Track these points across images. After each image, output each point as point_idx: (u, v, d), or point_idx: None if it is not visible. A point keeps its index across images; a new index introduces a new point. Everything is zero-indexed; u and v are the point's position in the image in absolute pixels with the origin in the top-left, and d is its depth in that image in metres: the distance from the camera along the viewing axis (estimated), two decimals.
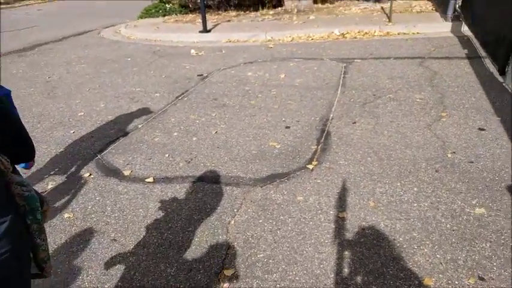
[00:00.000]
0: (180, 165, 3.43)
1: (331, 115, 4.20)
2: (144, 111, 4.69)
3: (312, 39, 7.84)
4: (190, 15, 11.76)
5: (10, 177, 1.19)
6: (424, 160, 3.19)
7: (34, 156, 1.37)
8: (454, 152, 3.26)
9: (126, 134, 4.15)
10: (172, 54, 7.53)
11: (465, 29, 7.04)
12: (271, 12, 11.04)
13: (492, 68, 5.05)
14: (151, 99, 5.11)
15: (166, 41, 8.80)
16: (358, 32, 7.83)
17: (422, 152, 3.32)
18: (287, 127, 4.01)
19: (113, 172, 3.42)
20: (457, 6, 7.62)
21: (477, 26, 6.12)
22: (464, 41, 6.63)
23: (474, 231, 2.37)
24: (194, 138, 3.91)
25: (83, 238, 2.62)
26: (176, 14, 12.21)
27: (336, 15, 9.54)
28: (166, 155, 3.62)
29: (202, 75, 5.97)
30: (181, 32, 9.09)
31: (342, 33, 7.87)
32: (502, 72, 4.41)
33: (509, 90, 4.32)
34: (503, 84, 4.48)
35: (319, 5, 11.60)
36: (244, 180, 3.13)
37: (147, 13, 12.55)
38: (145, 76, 6.16)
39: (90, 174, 3.41)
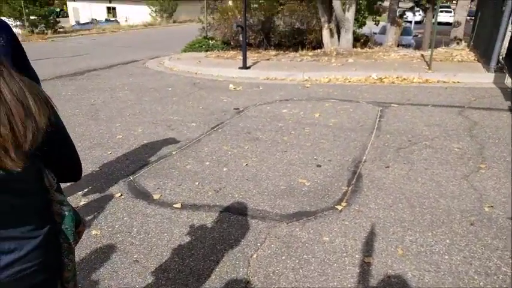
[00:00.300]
0: (209, 194, 3.46)
1: (364, 157, 4.15)
2: (179, 139, 4.82)
3: (349, 81, 7.89)
4: (232, 52, 12.21)
5: (53, 194, 1.24)
6: (459, 211, 3.06)
7: (80, 178, 1.41)
8: (492, 206, 3.11)
9: (159, 159, 4.26)
10: (211, 87, 7.78)
11: (509, 81, 6.88)
12: (310, 53, 11.27)
13: None
14: (187, 128, 5.26)
15: (206, 74, 9.13)
16: (397, 78, 7.82)
17: (458, 203, 3.19)
18: (318, 166, 3.99)
19: (143, 195, 3.50)
20: (501, 57, 7.49)
21: None
22: (507, 93, 6.46)
23: None
24: (225, 169, 3.96)
25: (107, 256, 2.66)
26: (218, 50, 12.72)
27: (375, 60, 9.60)
28: (196, 183, 3.67)
29: (238, 109, 6.11)
30: (222, 67, 9.41)
31: (380, 78, 7.89)
32: None
33: None
34: None
35: (358, 49, 11.76)
36: (270, 214, 3.11)
37: (191, 47, 13.16)
38: (183, 106, 6.37)
39: (121, 195, 3.50)
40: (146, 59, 11.84)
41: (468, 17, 14.79)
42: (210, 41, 13.52)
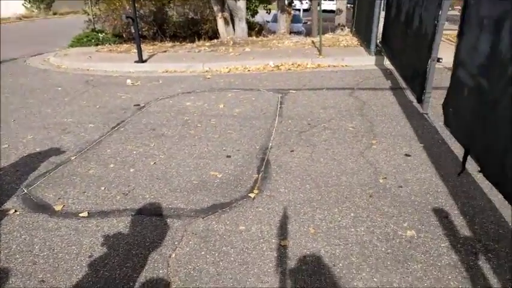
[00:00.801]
0: (117, 198, 3.27)
1: (270, 144, 4.30)
2: (77, 143, 4.45)
3: (249, 70, 8.06)
4: (125, 45, 11.57)
5: None
6: (359, 186, 3.36)
7: None
8: (385, 178, 3.48)
9: (57, 166, 3.89)
10: (107, 84, 7.30)
11: (387, 63, 7.69)
12: (207, 43, 11.22)
13: (412, 98, 5.53)
14: (84, 130, 4.88)
15: (99, 70, 8.53)
16: (292, 64, 8.21)
17: (357, 178, 3.50)
18: (228, 156, 4.02)
19: (42, 207, 3.17)
20: (378, 41, 8.33)
21: (395, 60, 6.74)
22: (387, 74, 7.22)
23: (406, 253, 2.52)
24: (132, 170, 3.77)
25: (6, 282, 2.37)
26: (110, 44, 11.94)
27: (270, 48, 9.94)
28: (102, 188, 3.44)
29: (139, 105, 5.84)
30: (116, 62, 8.88)
31: (277, 65, 8.20)
32: (420, 101, 4.87)
33: (428, 119, 4.76)
34: (423, 113, 4.92)
35: (254, 38, 12.05)
36: (185, 211, 3.07)
37: (79, 42, 12.15)
38: (77, 106, 5.88)
39: (16, 211, 3.13)
40: (27, 56, 10.61)
41: (348, 5, 16.08)
42: (99, 34, 12.61)
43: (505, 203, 2.56)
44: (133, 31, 9.03)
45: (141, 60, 8.57)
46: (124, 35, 12.66)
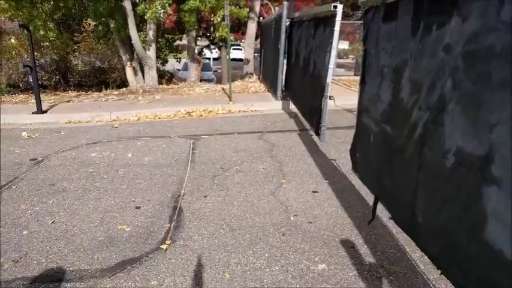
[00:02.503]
0: (5, 267, 2.87)
1: (183, 191, 4.20)
2: None
3: (159, 118, 7.96)
4: (22, 95, 10.73)
5: None
6: (272, 225, 3.41)
7: None
8: (296, 215, 3.58)
9: None
10: None
11: (292, 106, 8.17)
12: (115, 92, 10.92)
13: (316, 139, 5.91)
14: None
15: None
16: (203, 111, 8.31)
17: (269, 217, 3.55)
18: (137, 207, 3.83)
19: None
20: (283, 87, 8.88)
21: (297, 101, 7.37)
22: (293, 117, 7.66)
23: (319, 286, 2.57)
24: (25, 232, 3.37)
25: None
26: (3, 94, 10.99)
27: (181, 95, 9.99)
28: None
29: (36, 159, 5.36)
30: (9, 113, 8.13)
31: (188, 112, 8.23)
32: (317, 134, 5.40)
33: (329, 156, 5.10)
34: (324, 152, 5.26)
35: (165, 86, 12.06)
36: (89, 272, 2.80)
37: None
38: None
39: None
40: None
41: (256, 54, 17.04)
42: None
43: (399, 229, 2.77)
44: (31, 80, 8.42)
45: (40, 110, 7.98)
46: (21, 85, 11.80)
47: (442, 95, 1.82)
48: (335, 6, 4.80)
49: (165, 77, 15.27)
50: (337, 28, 4.85)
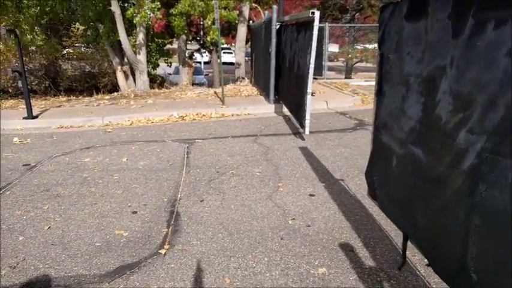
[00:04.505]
0: (3, 273, 2.83)
1: (179, 195, 4.18)
2: None
3: (152, 122, 7.93)
4: (11, 100, 10.61)
5: None
6: (270, 229, 3.41)
7: None
8: (294, 219, 3.59)
9: None
10: None
11: (285, 109, 8.21)
12: (107, 97, 10.85)
13: (311, 142, 5.94)
14: None
15: None
16: (197, 115, 8.30)
17: (267, 221, 3.56)
18: (134, 212, 3.80)
19: None
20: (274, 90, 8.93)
21: (285, 99, 7.94)
22: (286, 120, 7.69)
23: None
24: (21, 238, 3.33)
25: None
26: None
27: (174, 100, 9.97)
28: None
29: (29, 164, 5.29)
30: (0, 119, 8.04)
31: (181, 116, 8.21)
32: (302, 126, 6.16)
33: (324, 161, 5.13)
34: (319, 154, 5.29)
35: (156, 90, 12.01)
36: (87, 278, 2.77)
37: None
38: None
39: None
40: None
41: (247, 58, 17.07)
42: None
43: (398, 231, 2.77)
44: (20, 85, 8.32)
45: (31, 116, 7.89)
46: (10, 90, 11.64)
47: (509, 116, 1.36)
48: (313, 13, 5.46)
49: (157, 81, 15.21)
50: (315, 32, 5.48)
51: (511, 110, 1.34)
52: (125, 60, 12.70)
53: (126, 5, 12.72)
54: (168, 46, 18.22)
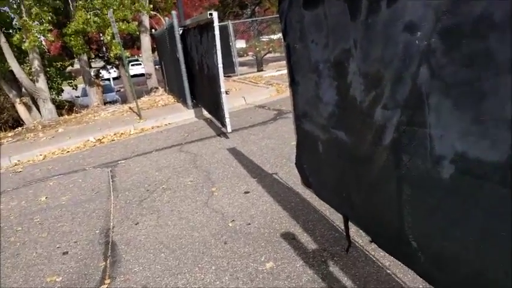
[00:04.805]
0: None
1: (111, 223, 3.97)
2: None
3: (68, 151, 7.41)
4: None
5: None
6: (212, 236, 3.38)
7: None
8: (233, 220, 3.60)
9: None
10: None
11: (205, 112, 8.16)
12: (10, 134, 9.91)
13: (236, 142, 5.98)
14: None
15: None
16: (115, 134, 7.92)
17: (208, 229, 3.52)
18: (65, 253, 3.53)
19: None
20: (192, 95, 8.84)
21: (203, 102, 8.02)
22: (208, 122, 7.65)
23: (271, 285, 2.62)
24: None
25: None
26: None
27: (87, 123, 9.41)
28: None
29: None
30: None
31: (99, 139, 7.78)
32: (223, 125, 6.22)
33: (251, 155, 5.21)
34: (246, 151, 5.36)
35: (66, 117, 11.25)
36: None
37: None
38: None
39: None
40: None
41: (157, 67, 16.65)
42: None
43: (333, 210, 2.92)
44: None
45: None
46: None
47: (417, 88, 1.40)
48: (211, 14, 5.54)
49: (65, 107, 14.22)
50: (217, 32, 5.54)
51: (416, 81, 1.39)
52: (23, 90, 11.68)
53: (11, 31, 11.68)
54: (70, 68, 17.10)
